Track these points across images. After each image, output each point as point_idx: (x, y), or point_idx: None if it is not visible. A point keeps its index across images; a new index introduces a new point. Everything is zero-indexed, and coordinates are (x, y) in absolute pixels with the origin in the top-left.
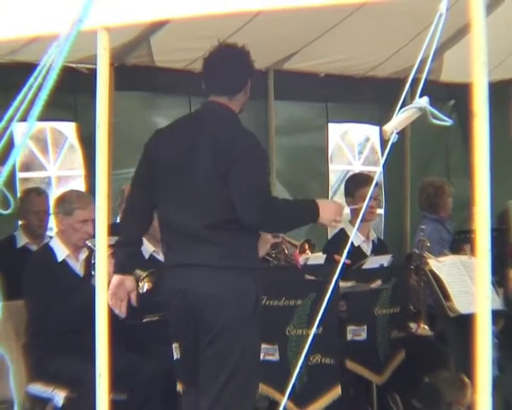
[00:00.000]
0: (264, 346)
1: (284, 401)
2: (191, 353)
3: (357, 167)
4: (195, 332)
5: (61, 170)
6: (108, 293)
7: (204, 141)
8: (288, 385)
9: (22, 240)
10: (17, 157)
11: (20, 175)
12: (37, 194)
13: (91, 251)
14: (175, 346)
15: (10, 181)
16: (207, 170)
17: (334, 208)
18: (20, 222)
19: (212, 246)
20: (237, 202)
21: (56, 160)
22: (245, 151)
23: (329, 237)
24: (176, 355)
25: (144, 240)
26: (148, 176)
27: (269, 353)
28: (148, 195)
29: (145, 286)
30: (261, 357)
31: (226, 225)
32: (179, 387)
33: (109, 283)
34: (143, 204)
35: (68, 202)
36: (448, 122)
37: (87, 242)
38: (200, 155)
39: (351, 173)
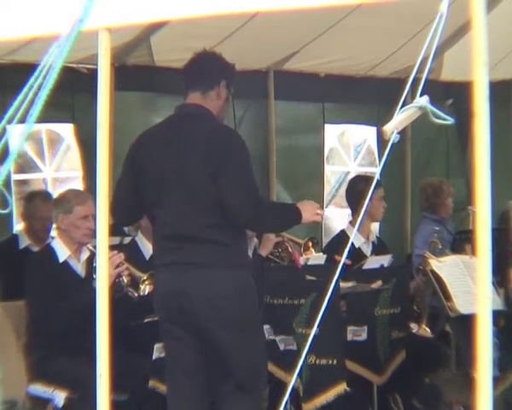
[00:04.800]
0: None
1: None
2: (186, 353)
3: (354, 168)
4: (195, 332)
5: (57, 172)
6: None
7: (192, 143)
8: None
9: (25, 241)
10: (14, 158)
11: (15, 177)
12: (42, 200)
13: (93, 253)
14: (157, 346)
15: (5, 183)
16: (199, 171)
17: (311, 206)
18: (22, 225)
19: (213, 245)
20: (228, 203)
21: (52, 161)
22: (232, 151)
23: (330, 239)
24: (156, 355)
25: (145, 241)
26: (135, 179)
27: None
28: (134, 196)
29: (146, 289)
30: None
31: (223, 223)
32: (156, 385)
33: (110, 284)
34: (131, 204)
35: (67, 200)
36: (449, 121)
37: (88, 245)
38: (191, 157)
39: (356, 175)
